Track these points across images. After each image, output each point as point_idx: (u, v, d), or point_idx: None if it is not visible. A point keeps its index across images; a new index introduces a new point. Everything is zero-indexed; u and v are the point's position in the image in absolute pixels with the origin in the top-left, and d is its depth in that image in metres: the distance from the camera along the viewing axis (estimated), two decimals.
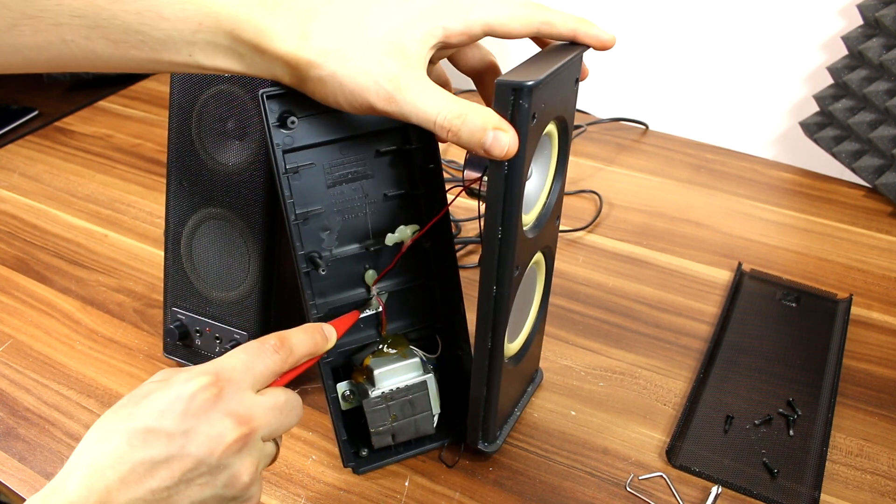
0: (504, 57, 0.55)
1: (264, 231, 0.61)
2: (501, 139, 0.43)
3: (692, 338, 0.74)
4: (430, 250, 0.58)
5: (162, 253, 0.74)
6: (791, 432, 0.63)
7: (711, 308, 0.78)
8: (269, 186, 0.60)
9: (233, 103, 0.59)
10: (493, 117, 0.44)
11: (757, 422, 0.64)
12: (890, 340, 0.74)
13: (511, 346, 0.60)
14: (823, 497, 0.59)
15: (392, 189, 0.56)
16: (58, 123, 1.13)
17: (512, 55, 0.83)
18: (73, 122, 1.14)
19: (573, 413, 0.66)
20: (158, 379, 0.44)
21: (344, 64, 0.44)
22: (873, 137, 0.91)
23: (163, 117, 1.14)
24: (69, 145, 1.08)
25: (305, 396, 0.67)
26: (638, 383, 0.69)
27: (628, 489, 0.59)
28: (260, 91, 0.49)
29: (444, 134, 0.44)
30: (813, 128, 1.00)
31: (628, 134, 1.10)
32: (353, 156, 0.54)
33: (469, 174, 0.52)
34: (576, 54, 0.49)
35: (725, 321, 0.75)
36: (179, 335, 0.67)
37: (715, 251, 0.86)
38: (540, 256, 0.60)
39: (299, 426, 0.64)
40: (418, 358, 0.58)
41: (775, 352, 0.72)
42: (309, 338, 0.48)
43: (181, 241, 0.65)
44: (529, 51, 0.50)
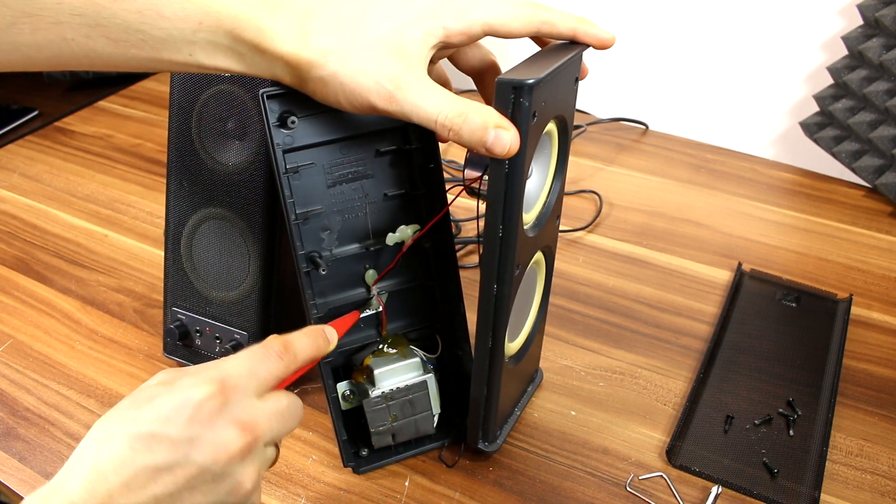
0: (504, 56, 0.55)
1: (264, 231, 0.61)
2: (503, 137, 0.43)
3: (692, 338, 0.74)
4: (431, 250, 0.58)
5: (162, 253, 0.74)
6: (791, 432, 0.63)
7: (711, 308, 0.78)
8: (269, 186, 0.60)
9: (233, 103, 0.59)
10: (495, 115, 0.44)
11: (757, 422, 0.64)
12: (890, 340, 0.74)
13: (511, 346, 0.60)
14: (823, 497, 0.59)
15: (392, 189, 0.56)
16: (58, 123, 1.13)
17: (512, 54, 0.83)
18: (73, 122, 1.14)
19: (573, 413, 0.66)
20: (160, 381, 0.43)
21: (344, 64, 0.44)
22: (873, 137, 0.91)
23: (163, 117, 1.14)
24: (69, 145, 1.08)
25: (305, 396, 0.67)
26: (638, 383, 0.69)
27: (628, 489, 0.59)
28: (260, 91, 0.49)
29: (446, 133, 0.44)
30: (813, 128, 1.00)
31: (628, 134, 1.10)
32: (354, 155, 0.54)
33: (469, 173, 0.52)
34: (576, 53, 0.49)
35: (725, 321, 0.75)
36: (179, 335, 0.67)
37: (715, 251, 0.86)
38: (540, 256, 0.60)
39: (300, 426, 0.64)
40: (418, 358, 0.58)
41: (775, 352, 0.72)
42: (312, 342, 0.48)
43: (181, 241, 0.65)
44: (529, 50, 0.50)
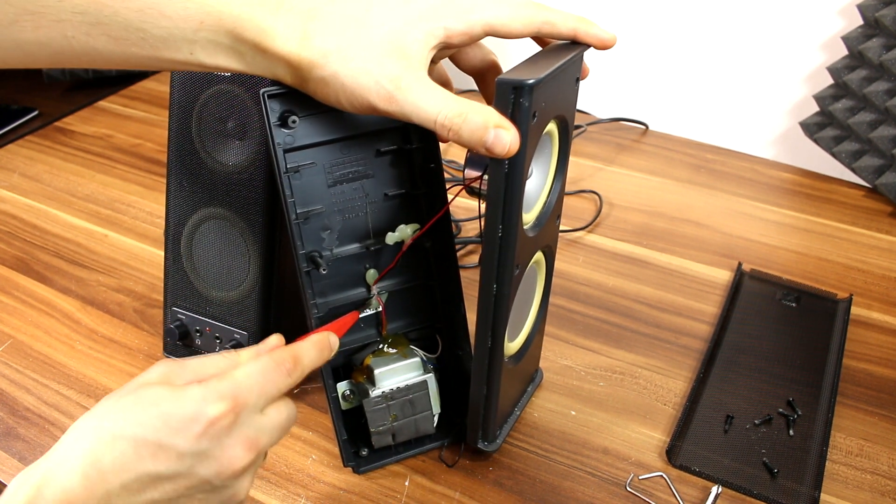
0: (505, 56, 0.55)
1: (264, 231, 0.61)
2: (503, 137, 0.43)
3: (692, 338, 0.74)
4: (431, 250, 0.58)
5: (162, 253, 0.74)
6: (791, 432, 0.63)
7: (711, 308, 0.78)
8: (270, 186, 0.60)
9: (233, 103, 0.59)
10: (495, 115, 0.44)
11: (757, 422, 0.64)
12: (890, 340, 0.74)
13: (511, 346, 0.60)
14: (823, 497, 0.59)
15: (392, 188, 0.56)
16: (58, 123, 1.13)
17: (513, 54, 0.83)
18: (73, 122, 1.14)
19: (573, 413, 0.66)
20: (161, 376, 0.42)
21: (345, 64, 0.44)
22: (873, 137, 0.91)
23: (163, 117, 1.14)
24: (69, 145, 1.08)
25: (305, 396, 0.67)
26: (638, 383, 0.69)
27: (628, 489, 0.59)
28: (261, 90, 0.49)
29: (446, 133, 0.44)
30: (813, 128, 1.00)
31: (628, 134, 1.10)
32: (354, 155, 0.54)
33: (470, 173, 0.52)
34: (576, 53, 0.49)
35: (725, 321, 0.75)
36: (179, 335, 0.67)
37: (715, 251, 0.86)
38: (540, 256, 0.60)
39: (300, 426, 0.64)
40: (418, 358, 0.58)
41: (775, 352, 0.72)
42: (318, 354, 0.47)
43: (181, 241, 0.65)
44: (530, 50, 0.50)
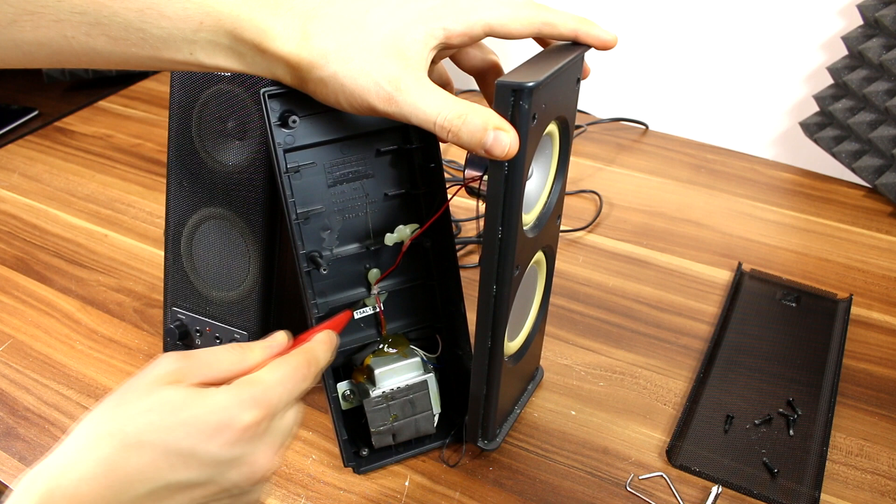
0: (506, 56, 0.55)
1: (264, 231, 0.61)
2: (502, 139, 0.43)
3: (692, 338, 0.74)
4: (431, 250, 0.58)
5: (162, 253, 0.74)
6: (791, 432, 0.64)
7: (711, 308, 0.78)
8: (270, 186, 0.59)
9: (233, 103, 0.59)
10: (494, 117, 0.44)
11: (757, 422, 0.64)
12: (890, 340, 0.74)
13: (511, 345, 0.60)
14: (823, 497, 0.59)
15: (393, 188, 0.56)
16: (58, 123, 1.13)
17: (513, 54, 0.83)
18: (73, 122, 1.14)
19: (573, 413, 0.66)
20: (171, 378, 0.40)
21: (345, 65, 0.44)
22: (873, 137, 0.91)
23: (163, 117, 1.14)
24: (69, 145, 1.08)
25: (305, 396, 0.67)
26: (638, 383, 0.69)
27: (628, 489, 0.59)
28: (261, 90, 0.49)
29: (445, 134, 0.44)
30: (813, 128, 1.00)
31: (628, 134, 1.10)
32: (354, 155, 0.54)
33: (470, 173, 0.52)
34: (577, 54, 0.49)
35: (725, 321, 0.75)
36: (179, 335, 0.67)
37: (715, 251, 0.86)
38: (541, 255, 0.60)
39: (300, 426, 0.64)
40: (419, 357, 0.58)
41: (775, 352, 0.72)
42: (327, 354, 0.47)
43: (181, 241, 0.65)
44: (531, 50, 0.50)
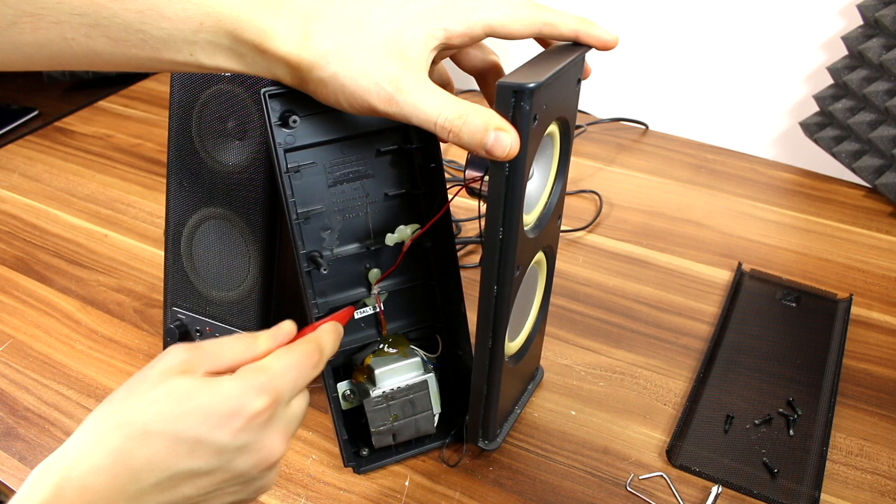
0: (506, 56, 0.55)
1: (264, 231, 0.61)
2: (503, 140, 0.43)
3: (692, 338, 0.74)
4: (431, 250, 0.58)
5: (162, 253, 0.74)
6: (791, 432, 0.64)
7: (711, 308, 0.78)
8: (270, 186, 0.59)
9: (233, 103, 0.59)
10: (495, 118, 0.44)
11: (757, 422, 0.64)
12: (890, 340, 0.74)
13: (512, 345, 0.60)
14: (823, 497, 0.59)
15: (393, 188, 0.56)
16: (58, 123, 1.13)
17: (514, 54, 0.83)
18: (73, 122, 1.14)
19: (573, 413, 0.66)
20: (180, 368, 0.40)
21: (345, 65, 0.44)
22: (873, 137, 0.91)
23: (163, 117, 1.14)
24: (69, 145, 1.08)
25: None
26: (638, 383, 0.69)
27: (628, 489, 0.59)
28: (262, 90, 0.49)
29: (446, 135, 0.44)
30: (813, 128, 1.00)
31: (628, 134, 1.10)
32: (354, 155, 0.54)
33: (471, 174, 0.52)
34: (578, 55, 0.49)
35: (725, 321, 0.75)
36: (179, 335, 0.67)
37: (715, 251, 0.86)
38: (541, 256, 0.60)
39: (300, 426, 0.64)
40: (419, 357, 0.58)
41: (775, 352, 0.72)
42: (333, 343, 0.47)
43: (181, 241, 0.65)
44: (532, 50, 0.50)
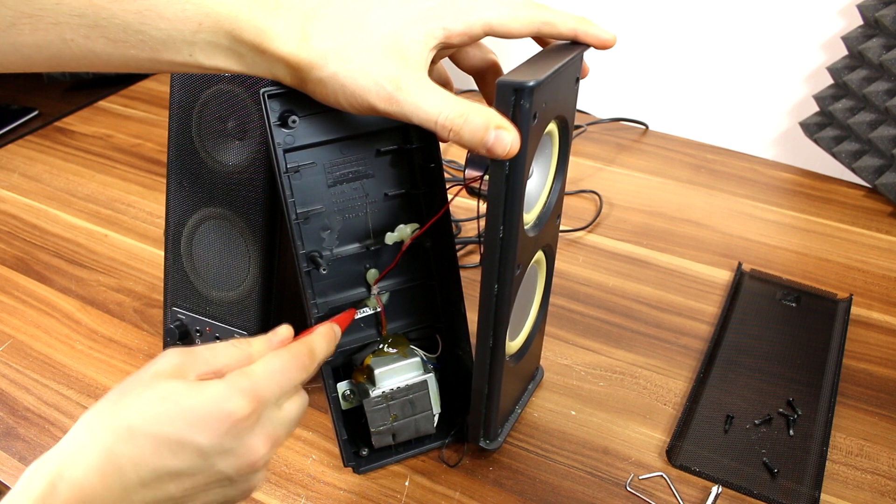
0: (505, 56, 0.55)
1: (264, 231, 0.61)
2: (503, 138, 0.43)
3: (692, 338, 0.74)
4: (431, 250, 0.58)
5: (162, 253, 0.74)
6: (791, 432, 0.64)
7: (711, 308, 0.78)
8: (270, 186, 0.59)
9: (233, 103, 0.59)
10: (495, 116, 0.44)
11: (757, 422, 0.64)
12: (890, 340, 0.74)
13: (512, 345, 0.60)
14: (823, 497, 0.59)
15: (393, 188, 0.56)
16: (58, 123, 1.13)
17: (513, 54, 0.83)
18: (73, 122, 1.14)
19: (573, 413, 0.66)
20: (172, 372, 0.41)
21: (345, 65, 0.44)
22: (873, 137, 0.91)
23: (163, 117, 1.14)
24: (69, 145, 1.08)
25: None
26: (638, 383, 0.69)
27: (628, 489, 0.59)
28: (261, 90, 0.49)
29: (446, 134, 0.44)
30: (813, 128, 1.00)
31: (628, 134, 1.10)
32: (354, 155, 0.54)
33: (470, 173, 0.52)
34: (576, 54, 0.49)
35: (725, 321, 0.75)
36: (179, 335, 0.67)
37: (715, 251, 0.86)
38: (541, 255, 0.60)
39: (300, 426, 0.64)
40: (419, 357, 0.58)
41: (775, 352, 0.72)
42: (327, 345, 0.48)
43: (181, 241, 0.65)
44: (530, 49, 0.50)
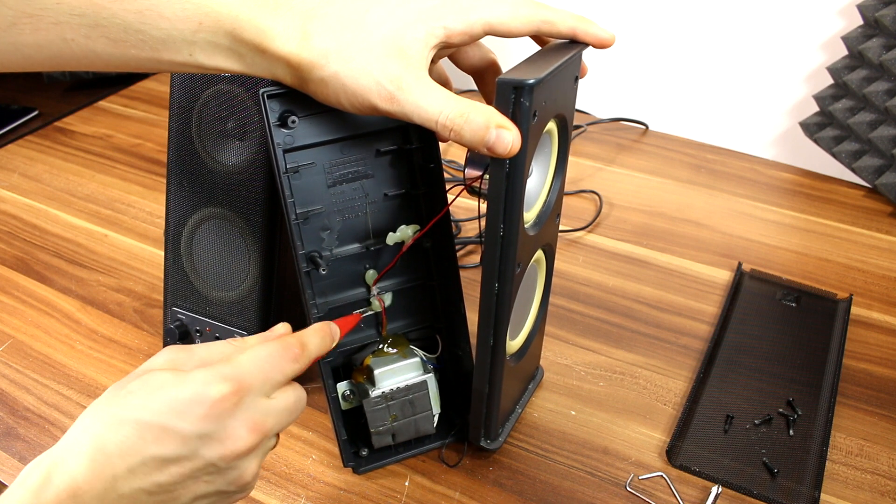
0: (504, 55, 0.55)
1: (264, 231, 0.61)
2: (504, 137, 0.43)
3: (692, 338, 0.74)
4: (431, 250, 0.58)
5: (162, 253, 0.74)
6: (791, 432, 0.63)
7: (711, 308, 0.78)
8: (269, 186, 0.60)
9: (233, 103, 0.59)
10: (496, 115, 0.44)
11: (757, 422, 0.64)
12: (890, 340, 0.74)
13: (512, 344, 0.60)
14: (823, 497, 0.59)
15: (392, 189, 0.56)
16: (58, 123, 1.13)
17: (512, 53, 0.83)
18: (73, 122, 1.14)
19: (573, 413, 0.66)
20: (167, 362, 0.43)
21: (346, 64, 0.44)
22: (873, 137, 0.91)
23: (163, 117, 1.14)
24: (69, 145, 1.08)
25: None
26: (638, 383, 0.69)
27: (628, 489, 0.59)
28: (261, 90, 0.49)
29: (447, 133, 0.44)
30: (813, 128, 1.00)
31: (628, 134, 1.10)
32: (354, 155, 0.54)
33: (470, 172, 0.52)
34: (576, 52, 0.49)
35: (725, 321, 0.75)
36: (179, 335, 0.67)
37: (715, 251, 0.86)
38: (541, 254, 0.60)
39: (299, 426, 0.64)
40: (418, 358, 0.58)
41: (775, 352, 0.72)
42: (322, 341, 0.48)
43: (181, 241, 0.65)
44: (529, 49, 0.50)
